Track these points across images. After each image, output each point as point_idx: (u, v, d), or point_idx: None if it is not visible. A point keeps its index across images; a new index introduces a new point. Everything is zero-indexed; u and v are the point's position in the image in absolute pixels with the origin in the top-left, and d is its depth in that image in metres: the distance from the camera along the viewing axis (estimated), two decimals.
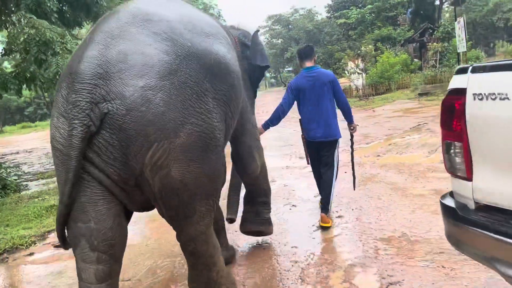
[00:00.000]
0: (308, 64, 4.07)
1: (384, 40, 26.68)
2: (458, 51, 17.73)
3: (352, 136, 4.43)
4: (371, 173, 5.76)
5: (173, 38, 2.05)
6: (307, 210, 4.63)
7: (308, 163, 4.41)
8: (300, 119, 4.22)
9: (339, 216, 4.24)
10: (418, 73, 21.99)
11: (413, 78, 19.51)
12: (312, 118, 4.00)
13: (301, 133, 4.31)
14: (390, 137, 8.55)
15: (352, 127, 4.28)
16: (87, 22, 11.84)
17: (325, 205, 4.00)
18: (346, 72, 19.95)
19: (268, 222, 3.64)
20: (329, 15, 40.57)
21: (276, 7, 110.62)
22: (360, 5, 32.79)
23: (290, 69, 68.99)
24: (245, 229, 3.60)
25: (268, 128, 4.05)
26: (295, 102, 4.15)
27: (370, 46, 19.63)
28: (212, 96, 2.14)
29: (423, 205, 4.20)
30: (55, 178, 3.11)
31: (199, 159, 2.05)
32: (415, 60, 24.96)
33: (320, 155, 4.14)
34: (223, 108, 2.26)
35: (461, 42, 16.74)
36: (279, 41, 60.48)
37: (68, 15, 9.94)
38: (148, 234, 4.53)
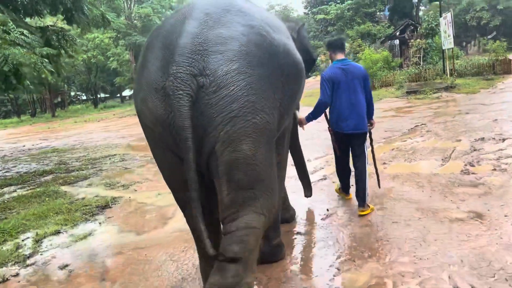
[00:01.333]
0: (340, 56, 4.07)
1: (364, 37, 26.07)
2: (443, 48, 17.18)
3: (370, 132, 4.34)
4: (384, 187, 4.83)
5: (264, 34, 2.20)
6: (317, 239, 3.64)
7: (338, 154, 4.34)
8: (326, 112, 4.20)
9: (362, 252, 3.26)
10: (401, 70, 21.43)
11: (397, 76, 18.87)
12: (346, 110, 3.95)
13: (327, 126, 4.33)
14: (390, 140, 7.68)
15: (370, 124, 4.25)
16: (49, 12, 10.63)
17: (362, 198, 4.02)
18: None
19: (279, 249, 3.29)
20: (306, 11, 39.86)
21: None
22: (338, 1, 32.16)
23: None
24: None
25: (311, 121, 4.04)
26: None
27: (355, 42, 18.77)
28: (284, 96, 2.31)
29: (468, 235, 3.27)
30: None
31: (265, 145, 2.19)
32: (396, 57, 24.45)
33: (351, 147, 4.16)
34: (287, 103, 2.39)
35: (447, 39, 16.18)
36: None
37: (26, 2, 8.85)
38: (111, 275, 3.43)
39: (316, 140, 8.28)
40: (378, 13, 33.01)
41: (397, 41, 27.75)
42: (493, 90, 13.62)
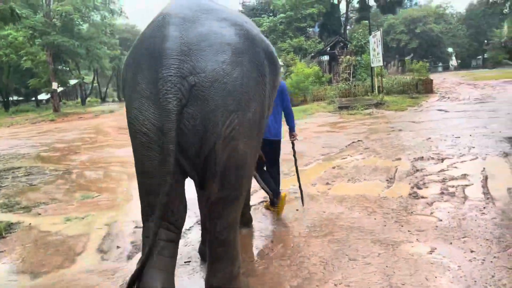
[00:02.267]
0: None
1: (296, 51, 26.34)
2: (372, 65, 17.63)
3: (293, 144, 4.80)
4: (332, 212, 4.33)
5: (238, 24, 2.25)
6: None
7: (265, 159, 4.27)
8: None
9: None
10: (331, 85, 21.79)
11: (328, 91, 19.07)
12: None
13: None
14: (329, 157, 7.31)
15: (293, 136, 4.69)
16: None
17: (276, 196, 4.31)
18: None
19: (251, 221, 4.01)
20: None
21: None
22: (271, 14, 32.38)
23: None
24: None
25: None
26: None
27: (289, 55, 18.67)
28: (268, 81, 2.32)
29: (437, 277, 2.82)
30: None
31: (255, 137, 2.27)
32: (326, 73, 24.93)
33: (270, 154, 4.36)
34: (271, 93, 2.48)
35: (376, 57, 16.59)
36: None
37: None
38: None
39: None
40: (308, 29, 33.76)
41: (326, 57, 28.46)
42: (419, 108, 14.09)
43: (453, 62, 67.91)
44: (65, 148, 11.15)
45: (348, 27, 42.60)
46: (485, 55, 57.75)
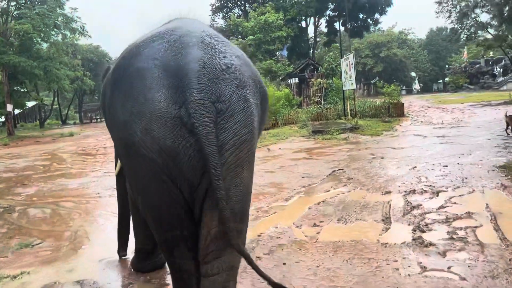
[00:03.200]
0: None
1: (266, 74, 25.92)
2: (344, 89, 17.30)
3: None
4: (327, 267, 3.54)
5: (249, 64, 2.37)
6: None
7: None
8: None
9: None
10: (301, 108, 21.34)
11: (300, 114, 18.56)
12: None
13: None
14: (311, 189, 6.57)
15: None
16: None
17: None
18: None
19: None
20: None
21: (149, 26, 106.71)
22: (239, 36, 32.04)
23: None
24: None
25: None
26: None
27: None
28: (261, 118, 2.41)
29: None
30: None
31: (252, 168, 2.33)
32: (295, 96, 24.56)
33: None
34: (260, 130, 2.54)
35: (348, 80, 16.27)
36: None
37: None
38: None
39: None
40: (277, 52, 33.66)
41: (295, 80, 28.20)
42: (395, 133, 13.71)
43: (416, 85, 70.09)
44: (13, 178, 9.90)
45: (316, 50, 43.00)
46: (445, 79, 59.76)
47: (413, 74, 66.19)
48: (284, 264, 3.70)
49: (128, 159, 2.19)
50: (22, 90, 33.20)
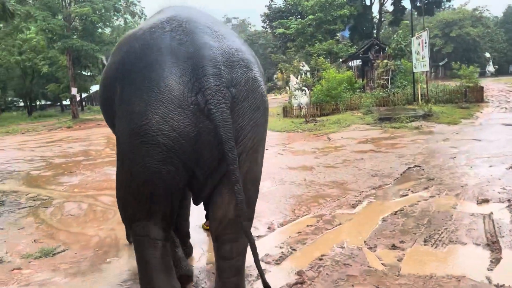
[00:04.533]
0: None
1: (326, 55, 24.40)
2: (415, 71, 15.56)
3: None
4: None
5: (247, 46, 2.37)
6: None
7: None
8: None
9: None
10: (365, 93, 19.75)
11: (364, 99, 17.06)
12: None
13: None
14: (384, 192, 5.43)
15: None
16: None
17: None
18: (288, 87, 16.95)
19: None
20: (265, 25, 38.06)
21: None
22: (299, 16, 30.54)
23: None
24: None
25: None
26: None
27: (320, 59, 16.74)
28: None
29: None
30: None
31: (264, 149, 2.34)
32: (358, 79, 22.88)
33: None
34: None
35: (420, 61, 14.55)
36: None
37: None
38: None
39: None
40: (337, 33, 31.84)
41: (357, 62, 26.38)
42: (476, 121, 11.96)
43: (490, 68, 64.22)
44: (63, 165, 9.62)
45: (380, 30, 40.28)
46: None
47: (487, 55, 60.64)
48: None
49: (137, 148, 2.08)
50: (87, 74, 34.13)
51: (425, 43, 13.98)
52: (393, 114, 13.09)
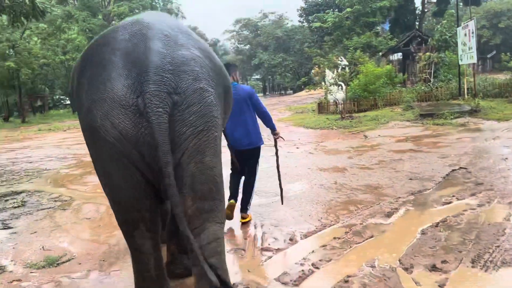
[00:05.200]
0: None
1: (364, 49, 23.45)
2: (461, 63, 14.51)
3: (276, 142, 4.68)
4: None
5: (210, 57, 2.46)
6: None
7: (238, 168, 4.40)
8: (224, 131, 3.83)
9: None
10: (406, 87, 18.75)
11: (404, 94, 16.14)
12: (239, 129, 4.26)
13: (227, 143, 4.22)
14: (422, 198, 4.85)
15: (275, 134, 4.56)
16: None
17: (244, 206, 4.46)
18: (323, 82, 16.31)
19: None
20: (301, 19, 37.31)
21: (246, 10, 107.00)
22: (336, 9, 29.60)
23: (258, 77, 65.57)
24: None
25: None
26: None
27: (357, 53, 15.93)
28: (224, 110, 2.59)
29: None
30: None
31: (219, 156, 2.43)
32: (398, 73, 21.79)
33: (246, 161, 4.40)
34: (224, 121, 2.74)
35: (467, 52, 13.52)
36: (247, 47, 57.07)
37: None
38: None
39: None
40: (377, 26, 30.67)
41: (398, 55, 25.21)
42: None
43: None
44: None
45: (423, 22, 38.39)
46: None
47: None
48: None
49: (92, 144, 2.24)
50: None
51: (472, 33, 12.96)
52: (436, 110, 12.21)
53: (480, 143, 7.75)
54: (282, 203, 4.64)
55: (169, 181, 2.00)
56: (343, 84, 16.09)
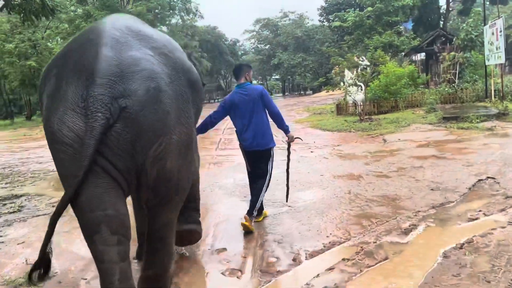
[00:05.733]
0: (240, 81, 4.30)
1: (385, 48, 22.74)
2: (488, 63, 13.78)
3: (289, 145, 4.58)
4: None
5: (167, 53, 2.47)
6: None
7: (249, 169, 4.43)
8: (236, 131, 4.38)
9: None
10: (429, 88, 18.02)
11: (427, 95, 15.45)
12: (246, 130, 4.22)
13: (239, 143, 4.41)
14: (444, 211, 4.36)
15: (289, 137, 4.44)
16: None
17: (250, 209, 4.20)
18: (342, 83, 15.73)
19: (199, 223, 3.69)
20: (321, 18, 36.68)
21: (265, 9, 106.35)
22: (357, 8, 28.89)
23: (278, 77, 65.05)
24: (179, 229, 3.24)
25: (198, 134, 3.94)
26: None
27: (377, 52, 15.28)
28: (191, 105, 2.56)
29: None
30: None
31: (184, 155, 2.44)
32: (421, 74, 21.04)
33: (256, 163, 4.33)
34: (195, 116, 2.75)
35: (494, 52, 12.79)
36: (266, 47, 56.65)
37: None
38: None
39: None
40: (399, 25, 29.85)
41: (421, 55, 24.39)
42: None
43: None
44: None
45: (448, 22, 37.17)
46: None
47: None
48: None
49: (52, 148, 2.23)
50: None
51: (500, 32, 12.22)
52: (461, 113, 11.54)
53: (509, 150, 7.14)
54: (286, 201, 4.78)
55: (72, 191, 2.04)
56: (362, 85, 15.51)
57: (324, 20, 35.44)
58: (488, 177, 5.54)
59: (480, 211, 4.31)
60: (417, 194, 5.06)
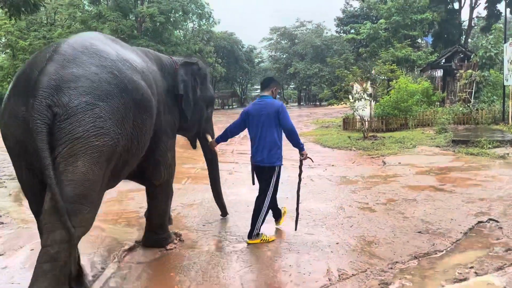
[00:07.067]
0: (263, 93, 4.29)
1: (401, 62, 21.79)
2: (506, 84, 12.80)
3: (301, 163, 4.41)
4: None
5: (115, 73, 2.81)
6: None
7: (253, 184, 4.38)
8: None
9: None
10: (443, 107, 17.02)
11: (439, 114, 14.50)
12: (255, 143, 4.19)
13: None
14: (428, 265, 3.54)
15: (302, 155, 4.26)
16: None
17: (250, 232, 4.12)
18: (350, 97, 14.87)
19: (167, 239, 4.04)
20: (338, 29, 35.90)
21: (283, 18, 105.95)
22: (375, 21, 28.02)
23: (294, 86, 64.24)
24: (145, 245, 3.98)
25: (219, 142, 4.55)
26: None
27: (386, 65, 14.44)
28: (131, 123, 2.88)
29: None
30: None
31: (102, 164, 2.67)
32: (438, 91, 19.99)
33: (259, 179, 4.28)
34: (137, 131, 2.96)
35: None
36: (283, 56, 56.04)
37: None
38: None
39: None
40: (418, 40, 28.84)
41: (439, 72, 23.32)
42: None
43: None
44: None
45: (471, 39, 35.87)
46: None
47: None
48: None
49: (5, 147, 2.74)
50: None
51: None
52: (473, 136, 10.59)
53: None
54: (295, 229, 4.39)
55: (50, 181, 2.42)
56: (371, 100, 14.64)
57: (341, 31, 34.66)
58: (490, 219, 4.69)
59: (471, 267, 3.48)
60: (400, 237, 4.23)
